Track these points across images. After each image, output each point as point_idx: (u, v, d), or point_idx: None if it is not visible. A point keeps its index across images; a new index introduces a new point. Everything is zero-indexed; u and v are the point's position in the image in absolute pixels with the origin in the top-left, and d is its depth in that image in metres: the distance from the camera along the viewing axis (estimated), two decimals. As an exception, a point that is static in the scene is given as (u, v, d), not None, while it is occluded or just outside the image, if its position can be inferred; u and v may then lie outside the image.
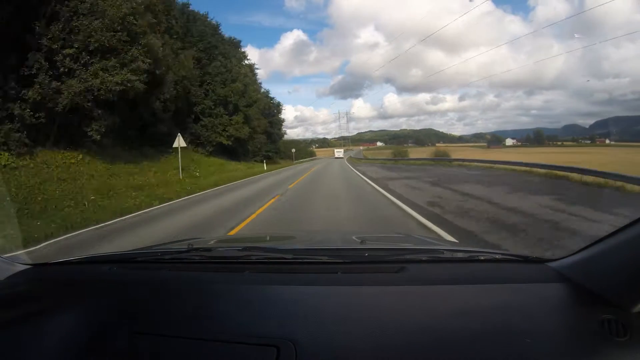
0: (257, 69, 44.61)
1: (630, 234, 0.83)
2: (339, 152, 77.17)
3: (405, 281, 1.07)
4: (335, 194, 10.93)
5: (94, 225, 6.92)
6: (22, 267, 1.34)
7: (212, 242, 1.95)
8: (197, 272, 1.27)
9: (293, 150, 52.54)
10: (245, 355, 0.78)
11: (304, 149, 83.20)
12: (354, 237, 1.84)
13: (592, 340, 0.78)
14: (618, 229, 0.87)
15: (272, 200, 9.57)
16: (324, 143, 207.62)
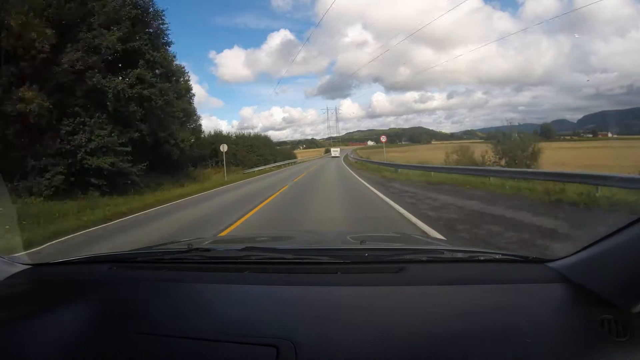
0: None
1: (630, 234, 0.83)
2: (335, 151, 76.35)
3: (405, 281, 1.07)
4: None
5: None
6: (22, 267, 1.34)
7: (212, 242, 1.95)
8: (197, 272, 1.27)
9: (223, 148, 23.70)
10: (245, 355, 0.78)
11: (284, 152, 55.18)
12: (353, 238, 1.84)
13: (592, 341, 0.78)
14: (618, 229, 0.87)
15: None
16: (312, 143, 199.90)
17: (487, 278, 1.08)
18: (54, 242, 6.72)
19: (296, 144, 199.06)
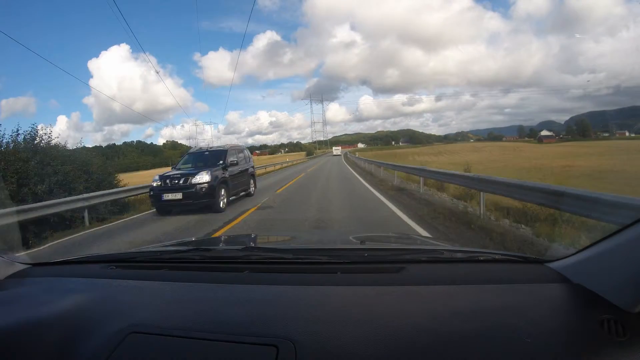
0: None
1: (630, 235, 0.84)
2: (336, 150, 75.74)
3: (405, 281, 1.07)
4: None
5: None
6: (21, 267, 1.34)
7: (211, 242, 1.95)
8: (197, 272, 1.27)
9: None
10: (244, 355, 0.78)
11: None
12: (353, 238, 1.84)
13: (591, 341, 0.78)
14: (618, 230, 0.87)
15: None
16: (296, 147, 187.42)
17: (486, 278, 1.09)
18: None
19: (277, 147, 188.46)
